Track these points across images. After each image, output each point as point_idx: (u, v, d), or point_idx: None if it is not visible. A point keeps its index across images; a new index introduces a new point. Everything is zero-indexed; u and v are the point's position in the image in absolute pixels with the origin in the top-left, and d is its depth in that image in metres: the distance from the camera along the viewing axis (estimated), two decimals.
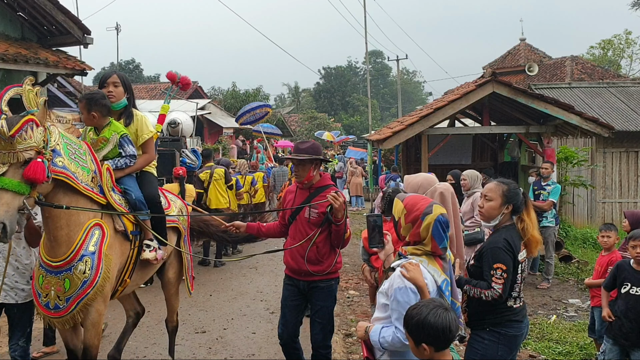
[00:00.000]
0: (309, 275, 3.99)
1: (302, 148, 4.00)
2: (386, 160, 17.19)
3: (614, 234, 4.99)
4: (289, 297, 4.15)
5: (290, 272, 4.15)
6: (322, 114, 42.44)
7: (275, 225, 4.33)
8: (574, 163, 10.35)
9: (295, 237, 4.04)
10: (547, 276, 8.02)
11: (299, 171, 4.01)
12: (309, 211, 3.98)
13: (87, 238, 3.50)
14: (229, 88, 35.24)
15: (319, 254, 3.99)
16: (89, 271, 3.46)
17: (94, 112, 3.84)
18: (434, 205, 2.77)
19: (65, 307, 3.45)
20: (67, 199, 3.42)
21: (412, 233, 2.77)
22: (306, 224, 4.00)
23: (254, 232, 4.38)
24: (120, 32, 29.05)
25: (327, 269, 4.01)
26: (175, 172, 8.41)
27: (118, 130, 3.93)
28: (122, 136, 3.95)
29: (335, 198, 3.77)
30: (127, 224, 3.87)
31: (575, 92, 14.99)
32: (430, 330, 2.16)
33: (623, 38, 32.01)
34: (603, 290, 4.38)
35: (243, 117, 17.55)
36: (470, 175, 6.55)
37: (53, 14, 9.30)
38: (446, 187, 3.81)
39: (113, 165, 3.90)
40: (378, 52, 64.52)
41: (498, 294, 3.08)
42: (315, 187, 4.04)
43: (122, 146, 3.95)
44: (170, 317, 4.95)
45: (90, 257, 3.48)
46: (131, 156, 3.99)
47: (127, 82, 4.12)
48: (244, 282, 8.23)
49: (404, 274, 2.61)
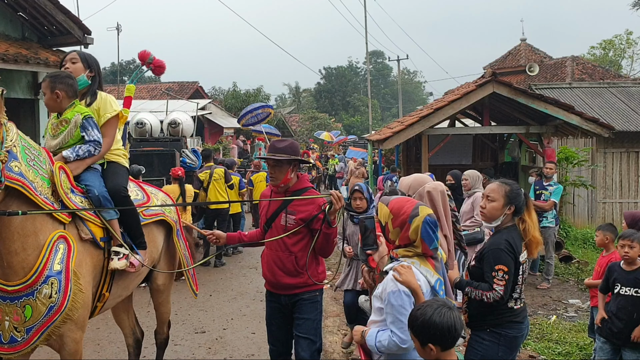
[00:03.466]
0: (290, 288, 3.61)
1: (280, 147, 3.60)
2: (387, 160, 17.16)
3: (609, 234, 5.00)
4: (272, 315, 3.78)
5: (270, 286, 3.77)
6: (323, 114, 42.42)
7: (257, 233, 3.93)
8: (575, 163, 10.34)
9: (272, 247, 3.65)
10: (547, 276, 8.02)
11: (275, 173, 3.59)
12: (286, 217, 3.57)
13: (50, 255, 2.95)
14: (229, 88, 35.27)
15: (297, 265, 3.58)
16: (56, 295, 2.91)
17: (57, 91, 3.34)
18: (420, 207, 2.76)
19: (25, 340, 2.89)
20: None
21: (401, 237, 2.76)
22: (282, 232, 3.58)
23: (235, 242, 4.01)
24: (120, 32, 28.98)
25: (309, 281, 3.60)
26: (174, 173, 8.39)
27: (82, 111, 3.41)
28: (86, 117, 3.39)
29: (337, 197, 3.41)
30: (94, 229, 3.31)
31: (575, 92, 14.97)
32: (436, 329, 2.16)
33: (624, 38, 32.03)
34: (599, 294, 4.40)
35: (245, 118, 17.57)
36: (471, 175, 6.56)
37: (53, 14, 9.30)
38: (434, 186, 3.74)
39: (73, 154, 3.33)
40: (379, 52, 64.49)
41: (500, 296, 3.08)
42: (292, 190, 3.64)
43: (86, 129, 3.38)
44: (160, 328, 4.47)
45: (56, 278, 2.93)
46: (95, 142, 3.41)
47: (90, 60, 3.65)
48: (244, 282, 8.23)
49: (397, 277, 2.60)
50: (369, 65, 36.97)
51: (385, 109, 62.38)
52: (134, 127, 10.37)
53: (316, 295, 3.69)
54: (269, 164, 3.64)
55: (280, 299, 3.69)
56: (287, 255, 3.58)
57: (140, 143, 10.01)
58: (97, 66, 3.74)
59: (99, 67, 3.77)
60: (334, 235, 3.60)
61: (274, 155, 3.58)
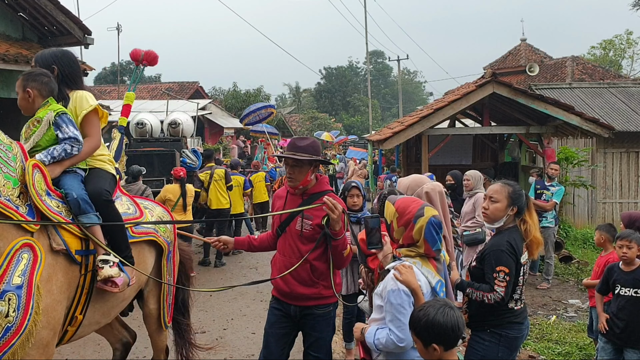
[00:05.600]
0: (303, 299, 3.30)
1: (301, 146, 3.28)
2: (387, 160, 17.19)
3: (605, 234, 5.00)
4: (276, 323, 3.41)
5: (279, 294, 3.43)
6: (323, 114, 42.46)
7: (268, 237, 3.62)
8: (575, 163, 10.35)
9: (285, 253, 3.36)
10: (547, 277, 8.03)
11: (294, 174, 3.28)
12: (302, 222, 3.28)
13: (9, 266, 2.54)
14: (229, 88, 35.28)
15: (314, 274, 3.29)
16: (14, 313, 2.49)
17: (29, 89, 3.00)
18: (426, 208, 2.76)
19: None
20: None
21: (405, 236, 2.76)
22: (297, 238, 3.31)
23: (245, 248, 3.68)
24: (121, 32, 29.00)
25: (324, 292, 3.31)
26: (175, 174, 8.40)
27: (55, 108, 3.02)
28: (59, 114, 2.99)
29: (332, 205, 3.05)
30: (70, 240, 2.87)
31: (575, 92, 14.98)
32: (440, 329, 2.16)
33: (624, 38, 32.04)
34: (597, 295, 4.40)
35: (247, 118, 17.73)
36: (473, 175, 6.57)
37: (54, 15, 9.30)
38: (432, 187, 3.72)
39: (47, 157, 2.92)
40: (379, 52, 64.52)
41: (500, 297, 3.09)
42: (310, 192, 3.34)
43: (59, 126, 2.97)
44: (157, 355, 4.05)
45: (15, 293, 2.51)
46: (72, 139, 2.99)
47: (48, 59, 3.20)
48: (244, 282, 8.23)
49: (397, 276, 2.61)
50: (369, 65, 36.99)
51: (385, 109, 62.38)
52: (135, 127, 10.39)
53: (330, 310, 3.41)
54: (288, 164, 3.32)
55: (290, 309, 3.38)
56: (303, 263, 3.26)
57: (141, 143, 10.02)
58: (64, 61, 3.24)
59: (69, 61, 3.27)
60: (342, 247, 3.25)
61: (294, 154, 3.26)
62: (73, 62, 3.29)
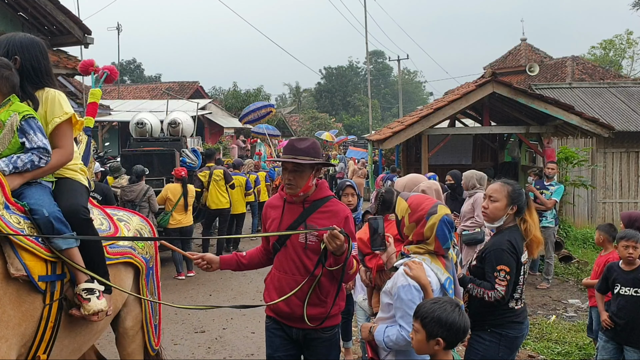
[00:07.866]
0: (307, 321, 2.89)
1: (301, 148, 2.92)
2: (387, 160, 17.19)
3: (604, 234, 5.00)
4: (281, 347, 3.05)
5: (278, 315, 3.05)
6: (323, 114, 42.45)
7: (258, 253, 3.24)
8: (574, 163, 10.35)
9: (286, 269, 2.96)
10: (546, 276, 8.03)
11: (294, 180, 2.91)
12: (305, 234, 2.93)
13: None
14: (230, 88, 35.35)
15: (321, 292, 2.94)
16: None
17: None
18: (439, 206, 2.77)
19: None
20: None
21: (415, 232, 2.77)
22: (302, 252, 2.93)
23: (233, 268, 3.22)
24: (121, 32, 29.04)
25: (330, 311, 2.96)
26: (177, 174, 8.42)
27: (19, 110, 2.54)
28: (25, 118, 2.52)
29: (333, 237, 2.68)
30: (32, 264, 2.37)
31: (575, 92, 14.98)
32: (452, 327, 2.21)
33: (624, 38, 32.07)
34: (597, 294, 4.40)
35: (247, 117, 17.81)
36: (466, 176, 6.58)
37: (54, 14, 9.30)
38: (429, 185, 3.71)
39: (9, 166, 2.47)
40: (379, 52, 64.48)
41: (501, 296, 3.09)
42: (312, 200, 3.00)
43: (26, 133, 2.51)
44: None
45: None
46: (41, 150, 2.53)
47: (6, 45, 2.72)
48: (244, 282, 8.23)
49: (407, 272, 2.62)
50: (369, 65, 36.97)
51: (385, 108, 62.38)
52: (134, 126, 10.39)
53: (336, 332, 3.10)
54: (287, 169, 2.94)
55: (292, 332, 3.02)
56: (310, 280, 2.89)
57: (140, 143, 10.03)
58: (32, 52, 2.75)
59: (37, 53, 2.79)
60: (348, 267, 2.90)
61: (295, 157, 2.89)
62: (41, 53, 2.81)
